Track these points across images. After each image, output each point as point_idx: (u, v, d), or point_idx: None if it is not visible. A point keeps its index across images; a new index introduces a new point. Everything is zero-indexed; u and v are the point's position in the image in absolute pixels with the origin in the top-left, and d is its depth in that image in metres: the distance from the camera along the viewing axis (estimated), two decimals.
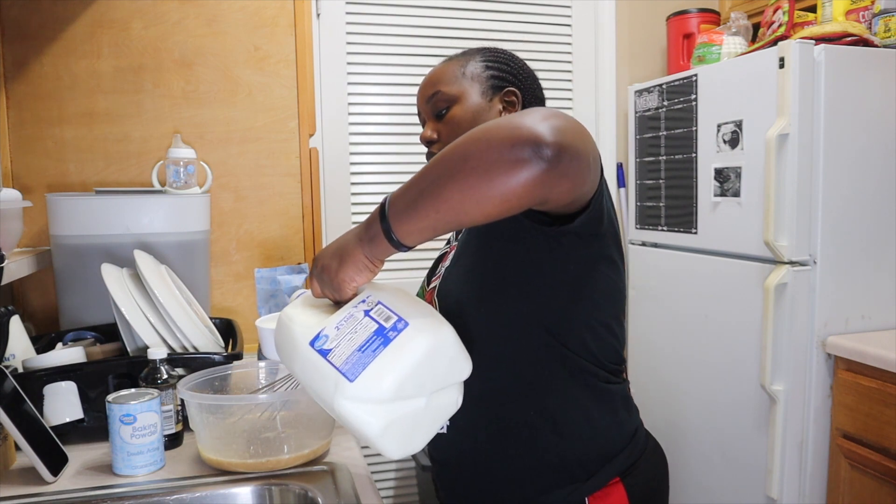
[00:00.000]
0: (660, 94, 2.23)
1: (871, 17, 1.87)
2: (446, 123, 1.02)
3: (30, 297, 1.67)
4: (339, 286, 0.80)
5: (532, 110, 0.71)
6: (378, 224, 0.75)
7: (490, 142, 0.67)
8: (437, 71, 1.07)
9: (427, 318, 0.77)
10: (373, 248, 0.77)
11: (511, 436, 0.93)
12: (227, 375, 1.18)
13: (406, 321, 0.74)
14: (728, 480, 1.98)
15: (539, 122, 0.67)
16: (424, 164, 0.76)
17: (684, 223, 2.15)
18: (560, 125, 0.68)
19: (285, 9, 1.79)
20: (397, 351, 0.72)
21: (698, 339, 2.09)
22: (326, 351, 0.74)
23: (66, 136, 1.68)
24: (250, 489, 1.01)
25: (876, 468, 1.62)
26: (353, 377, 0.71)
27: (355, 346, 0.73)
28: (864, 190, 1.80)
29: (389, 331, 0.73)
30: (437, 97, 1.03)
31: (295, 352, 0.77)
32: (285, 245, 1.84)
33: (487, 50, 1.08)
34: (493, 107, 1.02)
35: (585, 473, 0.92)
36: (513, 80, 1.05)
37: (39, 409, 1.11)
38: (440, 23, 2.35)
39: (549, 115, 0.69)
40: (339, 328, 0.76)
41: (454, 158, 0.69)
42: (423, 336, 0.74)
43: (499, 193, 0.67)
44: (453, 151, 0.70)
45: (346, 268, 0.79)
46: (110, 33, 1.68)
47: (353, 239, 0.79)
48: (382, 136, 2.36)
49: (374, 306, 0.77)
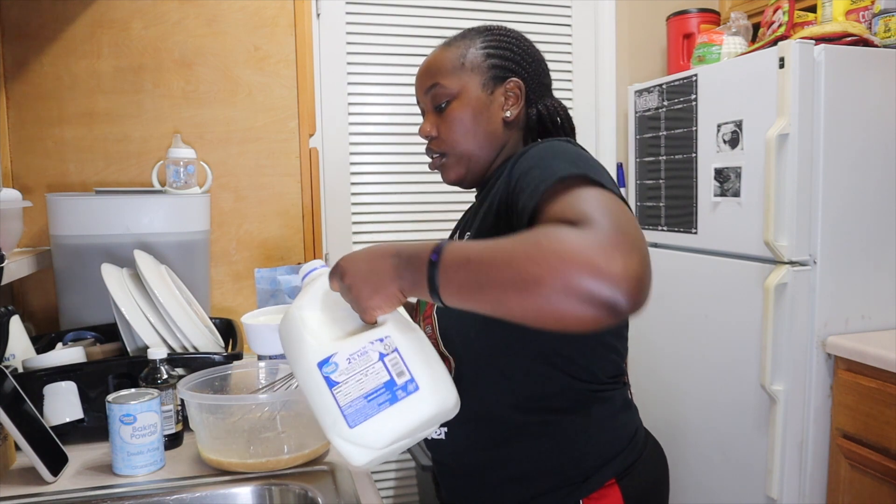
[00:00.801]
0: (660, 94, 2.23)
1: (871, 17, 1.87)
2: (446, 119, 1.00)
3: (30, 297, 1.67)
4: (364, 311, 0.77)
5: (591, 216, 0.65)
6: (425, 271, 0.71)
7: (568, 283, 0.60)
8: (436, 58, 1.02)
9: (437, 384, 0.76)
10: (411, 288, 0.74)
11: (509, 444, 0.93)
12: (227, 375, 1.18)
13: (417, 384, 0.74)
14: (728, 480, 1.98)
15: (612, 262, 0.60)
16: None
17: (684, 223, 2.15)
18: (632, 258, 0.61)
19: (285, 9, 1.79)
20: (401, 413, 0.73)
21: (698, 339, 2.09)
22: (333, 382, 0.74)
23: (66, 136, 1.68)
24: (250, 489, 1.01)
25: (876, 468, 1.62)
26: (352, 424, 0.72)
27: (362, 392, 0.73)
28: (864, 190, 1.80)
29: (399, 389, 0.74)
30: (436, 90, 1.00)
31: (301, 361, 0.77)
32: (285, 245, 1.84)
33: (490, 32, 1.03)
34: (494, 100, 0.99)
35: (582, 475, 0.91)
36: (515, 68, 1.01)
37: (39, 409, 1.11)
38: (440, 23, 2.35)
39: (616, 238, 0.62)
40: (350, 362, 0.75)
41: (528, 275, 0.62)
42: (429, 405, 0.75)
43: (562, 327, 0.63)
44: (527, 264, 0.62)
45: (377, 298, 0.76)
46: (110, 33, 1.68)
47: (390, 271, 0.75)
48: (382, 136, 2.36)
49: (391, 353, 0.76)
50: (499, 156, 1.01)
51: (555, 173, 0.77)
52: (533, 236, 0.64)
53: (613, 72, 2.55)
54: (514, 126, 1.01)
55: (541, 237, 0.64)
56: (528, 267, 0.62)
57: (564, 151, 0.84)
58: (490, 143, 1.00)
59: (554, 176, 0.76)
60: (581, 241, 0.62)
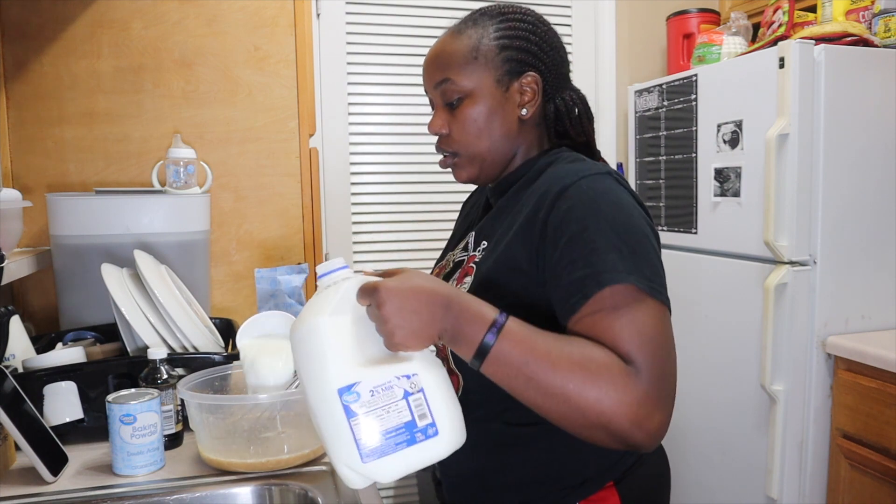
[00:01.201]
0: (660, 94, 2.23)
1: (871, 17, 1.87)
2: (457, 118, 0.94)
3: (30, 297, 1.67)
4: (393, 346, 0.73)
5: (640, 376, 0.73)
6: (475, 346, 0.73)
7: (607, 425, 0.72)
8: (445, 48, 0.95)
9: (454, 427, 0.75)
10: (451, 344, 0.75)
11: (510, 452, 0.92)
12: (227, 375, 1.18)
13: (437, 429, 0.73)
14: (728, 480, 1.98)
15: (650, 420, 0.72)
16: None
17: (684, 223, 2.15)
18: (665, 413, 0.74)
19: (285, 9, 1.79)
20: (417, 454, 0.72)
21: (698, 339, 2.09)
22: (352, 413, 0.71)
23: (66, 136, 1.68)
24: (250, 489, 1.01)
25: (876, 468, 1.62)
26: (366, 459, 0.71)
27: (382, 429, 0.71)
28: (864, 190, 1.80)
29: (419, 431, 0.72)
30: (447, 86, 0.93)
31: (319, 382, 0.73)
32: (285, 245, 1.84)
33: (504, 16, 0.95)
34: (509, 98, 0.93)
35: (579, 479, 0.90)
36: (532, 60, 0.93)
37: (39, 409, 1.11)
38: (440, 23, 2.33)
39: (658, 392, 0.73)
40: (373, 394, 0.72)
41: (574, 404, 0.72)
42: (444, 448, 0.74)
43: (580, 437, 0.75)
44: (578, 395, 0.72)
45: (412, 340, 0.73)
46: (110, 33, 1.68)
47: (435, 323, 0.74)
48: (382, 135, 2.36)
49: (416, 392, 0.73)
50: (516, 155, 0.97)
51: (604, 272, 0.77)
52: (589, 369, 0.72)
53: (613, 72, 2.55)
54: (530, 123, 0.96)
55: (595, 374, 0.72)
56: (577, 399, 0.71)
57: (612, 218, 0.81)
58: (505, 143, 0.95)
59: (602, 280, 0.76)
60: (629, 394, 0.71)
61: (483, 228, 0.98)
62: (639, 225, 0.83)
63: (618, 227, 0.80)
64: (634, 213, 0.84)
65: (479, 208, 1.08)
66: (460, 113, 0.93)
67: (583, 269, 0.78)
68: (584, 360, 0.73)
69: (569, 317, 0.79)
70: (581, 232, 0.80)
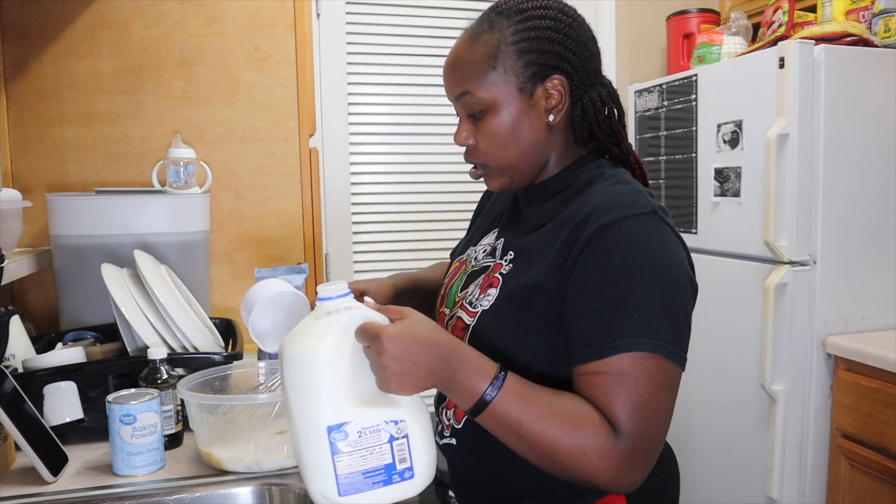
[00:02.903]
0: (660, 94, 2.23)
1: (871, 17, 1.87)
2: (482, 131, 0.89)
3: (30, 297, 1.67)
4: (388, 391, 0.75)
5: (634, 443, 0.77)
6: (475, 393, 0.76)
7: (588, 481, 0.78)
8: (461, 57, 0.89)
9: (429, 471, 0.79)
10: (447, 391, 0.78)
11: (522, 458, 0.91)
12: (227, 375, 1.18)
13: (413, 473, 0.77)
14: (728, 480, 1.98)
15: (626, 479, 0.78)
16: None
17: (684, 223, 2.15)
18: (641, 473, 0.79)
19: (285, 9, 1.79)
20: (391, 492, 0.76)
21: (698, 339, 2.07)
22: (337, 450, 0.73)
23: (66, 136, 1.68)
24: (250, 489, 1.01)
25: (876, 468, 1.62)
26: (343, 493, 0.74)
27: (362, 469, 0.74)
28: (864, 190, 1.80)
29: (396, 474, 0.76)
30: (468, 99, 0.88)
31: (309, 415, 0.74)
32: (285, 245, 1.84)
33: (522, 14, 0.87)
34: (534, 105, 0.88)
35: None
36: (556, 61, 0.87)
37: (39, 409, 1.11)
38: (440, 23, 2.34)
39: (639, 457, 0.77)
40: (360, 436, 0.74)
41: (558, 465, 0.77)
42: (416, 489, 0.78)
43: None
44: (564, 459, 0.77)
45: (407, 387, 0.75)
46: (110, 33, 1.68)
47: (433, 374, 0.75)
48: (382, 135, 2.36)
49: (401, 438, 0.76)
50: (549, 161, 0.93)
51: (622, 336, 0.77)
52: (576, 433, 0.76)
53: (613, 72, 2.55)
54: (559, 127, 0.91)
55: (582, 438, 0.76)
56: (561, 457, 0.76)
57: (646, 272, 0.79)
58: (535, 151, 0.90)
59: (618, 346, 0.77)
60: (609, 458, 0.76)
61: (513, 238, 0.96)
62: (673, 278, 0.81)
63: (650, 282, 0.79)
64: (673, 263, 0.81)
65: (505, 204, 1.04)
66: (484, 125, 0.89)
67: (603, 324, 0.78)
68: (573, 422, 0.76)
69: (575, 364, 0.81)
70: (610, 283, 0.79)
